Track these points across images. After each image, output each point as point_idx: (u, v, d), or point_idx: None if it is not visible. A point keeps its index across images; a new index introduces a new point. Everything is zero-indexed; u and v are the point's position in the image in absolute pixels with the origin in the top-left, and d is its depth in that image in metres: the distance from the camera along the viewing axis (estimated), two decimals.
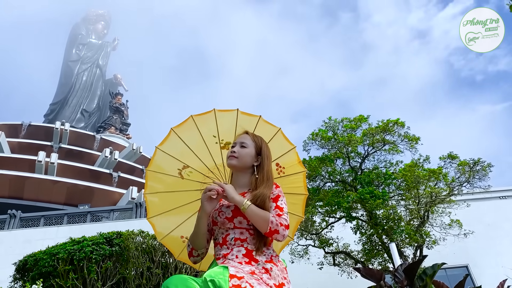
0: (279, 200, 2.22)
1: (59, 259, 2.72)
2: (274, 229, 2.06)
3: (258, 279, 1.91)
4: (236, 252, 2.10)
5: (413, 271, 3.48)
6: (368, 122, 14.09)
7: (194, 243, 2.29)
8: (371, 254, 12.94)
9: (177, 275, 1.98)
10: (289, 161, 2.69)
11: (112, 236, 2.91)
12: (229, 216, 2.20)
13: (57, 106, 47.44)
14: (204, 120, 2.64)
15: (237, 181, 2.39)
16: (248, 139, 2.42)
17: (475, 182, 12.96)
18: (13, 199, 26.47)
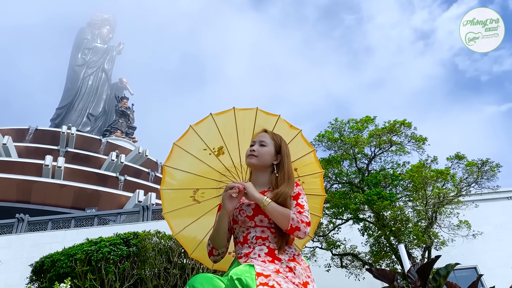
0: (299, 198, 2.20)
1: (77, 260, 2.73)
2: (295, 226, 2.05)
3: (284, 278, 1.89)
4: (258, 251, 2.08)
5: (427, 272, 3.46)
6: (374, 123, 14.05)
7: (214, 241, 2.28)
8: (379, 256, 12.88)
9: (202, 274, 1.97)
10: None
11: (129, 237, 2.91)
12: (250, 215, 2.19)
13: (63, 111, 47.70)
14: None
15: (256, 180, 2.36)
16: (267, 137, 2.40)
17: (483, 183, 12.88)
18: (21, 203, 26.59)
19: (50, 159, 29.02)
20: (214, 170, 2.68)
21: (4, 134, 32.25)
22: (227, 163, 2.69)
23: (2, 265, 14.21)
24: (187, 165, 2.66)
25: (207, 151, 2.66)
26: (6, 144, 30.40)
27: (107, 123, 47.25)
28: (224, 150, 2.67)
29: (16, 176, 27.11)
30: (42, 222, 19.15)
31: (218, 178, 2.67)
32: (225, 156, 2.68)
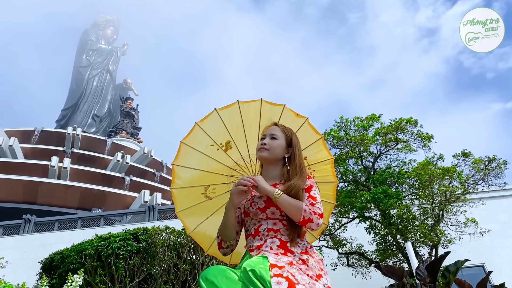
0: (312, 190, 2.18)
1: (87, 256, 2.73)
2: (308, 217, 2.02)
3: (298, 269, 1.87)
4: (270, 243, 2.06)
5: (436, 268, 3.44)
6: (380, 121, 14.00)
7: (222, 234, 2.27)
8: (385, 254, 12.83)
9: (215, 266, 1.97)
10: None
11: (138, 232, 2.91)
12: (261, 207, 2.17)
13: (68, 112, 47.90)
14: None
15: (267, 173, 2.34)
16: (278, 130, 2.38)
17: (490, 180, 12.79)
18: (27, 204, 26.74)
19: (56, 160, 29.14)
20: (224, 165, 2.66)
21: (10, 135, 32.41)
22: (236, 157, 2.67)
23: (10, 265, 14.29)
24: (196, 162, 2.65)
25: (214, 147, 2.64)
26: (12, 146, 30.54)
27: (112, 124, 47.40)
28: (232, 144, 2.64)
29: (22, 177, 27.25)
30: (48, 222, 19.25)
31: (228, 173, 2.66)
32: (233, 150, 2.66)
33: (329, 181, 2.71)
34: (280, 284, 1.70)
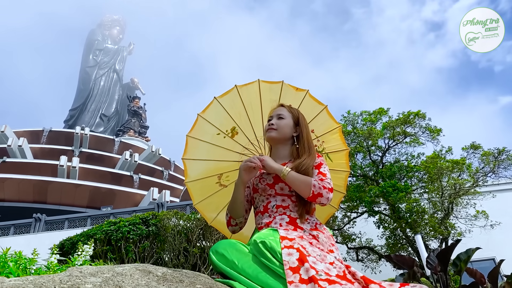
0: (321, 167, 2.17)
1: (97, 240, 2.75)
2: (318, 192, 2.00)
3: (309, 243, 1.86)
4: (279, 220, 2.05)
5: (447, 257, 3.42)
6: (388, 115, 13.91)
7: (231, 211, 2.26)
8: (395, 248, 12.78)
9: (226, 240, 1.97)
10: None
11: (148, 217, 2.93)
12: (270, 183, 2.17)
13: (76, 112, 48.12)
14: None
15: (277, 153, 2.35)
16: (285, 110, 2.38)
17: (500, 172, 12.68)
18: (37, 203, 26.95)
19: (65, 159, 29.32)
20: (233, 151, 2.66)
21: (19, 136, 32.67)
22: (244, 141, 2.67)
23: None
24: (205, 153, 2.64)
25: (221, 135, 2.63)
26: (21, 146, 30.79)
27: (120, 123, 47.58)
28: (238, 130, 2.64)
29: (32, 177, 27.47)
30: (58, 221, 19.41)
31: (238, 158, 2.65)
32: (239, 135, 2.65)
33: (340, 149, 2.67)
34: (291, 255, 1.69)
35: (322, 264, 1.68)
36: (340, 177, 2.71)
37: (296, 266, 1.64)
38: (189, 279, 1.33)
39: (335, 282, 1.52)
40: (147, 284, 1.14)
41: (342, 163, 2.74)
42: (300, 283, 1.56)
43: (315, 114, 2.61)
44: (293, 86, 2.58)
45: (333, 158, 2.66)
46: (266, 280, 1.67)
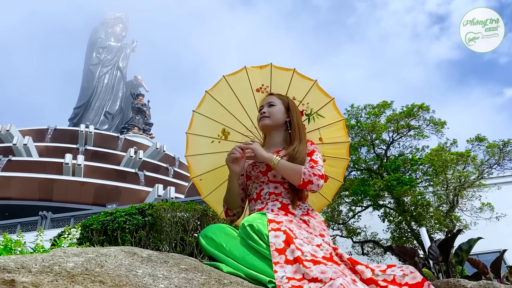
0: (313, 154, 2.18)
1: (93, 230, 2.75)
2: (308, 180, 2.01)
3: (297, 226, 1.87)
4: (271, 206, 2.07)
5: (448, 247, 3.39)
6: (392, 108, 13.83)
7: (228, 203, 2.28)
8: (400, 241, 12.73)
9: (215, 224, 2.01)
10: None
11: (144, 207, 2.93)
12: (263, 170, 2.18)
13: (80, 110, 48.26)
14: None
15: (271, 141, 2.37)
16: (274, 98, 2.42)
17: (506, 164, 12.59)
18: (43, 201, 27.11)
19: (70, 157, 29.45)
20: (233, 141, 2.65)
21: (25, 134, 32.84)
22: (242, 129, 2.66)
23: None
24: (206, 147, 2.63)
25: (217, 133, 2.63)
26: (26, 145, 30.95)
27: (124, 120, 47.70)
28: (230, 129, 2.63)
29: (37, 175, 27.63)
30: (64, 218, 19.52)
31: (240, 139, 2.64)
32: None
33: (336, 120, 2.63)
34: (278, 237, 1.71)
35: (308, 246, 1.69)
36: (340, 165, 2.67)
37: (282, 247, 1.66)
38: (174, 260, 1.33)
39: (320, 262, 1.52)
40: (130, 264, 1.13)
41: (338, 171, 2.69)
42: (285, 263, 1.57)
43: (307, 90, 2.56)
44: (281, 67, 2.55)
45: (334, 148, 2.63)
46: (252, 262, 1.68)
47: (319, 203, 2.70)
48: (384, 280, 1.49)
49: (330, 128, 2.59)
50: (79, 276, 0.93)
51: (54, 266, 0.96)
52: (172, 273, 1.15)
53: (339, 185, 2.70)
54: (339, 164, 2.67)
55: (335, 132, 2.61)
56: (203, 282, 1.13)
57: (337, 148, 2.62)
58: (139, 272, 1.08)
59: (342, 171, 2.69)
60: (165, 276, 1.10)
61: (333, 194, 2.72)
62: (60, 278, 0.89)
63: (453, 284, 1.31)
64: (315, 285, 1.38)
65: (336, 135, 2.61)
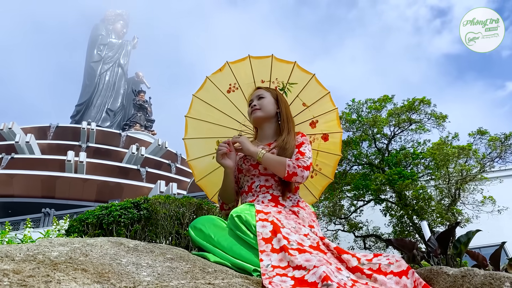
0: (302, 146, 2.20)
1: (89, 224, 2.77)
2: (292, 171, 2.04)
3: (285, 217, 1.89)
4: (262, 198, 2.10)
5: (447, 239, 3.39)
6: (393, 102, 13.80)
7: (223, 197, 2.31)
8: (402, 235, 12.75)
9: (204, 216, 2.03)
10: (328, 119, 2.59)
11: (139, 201, 2.95)
12: (254, 163, 2.20)
13: (82, 107, 48.29)
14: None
15: (262, 134, 2.40)
16: (262, 90, 2.45)
17: (508, 157, 12.57)
18: (46, 198, 27.18)
19: (72, 154, 29.48)
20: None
21: (27, 132, 32.88)
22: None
23: None
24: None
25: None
26: (29, 142, 31.00)
27: (126, 117, 47.72)
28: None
29: (40, 173, 27.69)
30: (67, 215, 19.56)
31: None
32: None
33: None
34: (265, 227, 1.73)
35: (296, 235, 1.71)
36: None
37: (269, 237, 1.68)
38: (161, 250, 1.34)
39: (305, 251, 1.54)
40: (115, 253, 1.14)
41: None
42: (271, 252, 1.59)
43: (289, 72, 2.55)
44: (260, 56, 2.55)
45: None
46: (239, 252, 1.71)
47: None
48: (369, 269, 1.51)
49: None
50: (62, 264, 0.94)
51: (38, 255, 0.97)
52: (157, 262, 1.16)
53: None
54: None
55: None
56: (186, 270, 1.14)
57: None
58: (123, 261, 1.09)
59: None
60: (149, 265, 1.11)
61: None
62: (43, 266, 0.90)
63: (436, 271, 1.33)
64: (299, 272, 1.39)
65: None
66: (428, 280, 1.38)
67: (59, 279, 0.84)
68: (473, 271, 1.18)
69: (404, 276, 1.39)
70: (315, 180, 2.70)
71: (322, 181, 2.70)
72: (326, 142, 2.61)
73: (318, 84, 2.54)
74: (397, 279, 1.40)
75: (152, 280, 0.96)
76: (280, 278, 1.38)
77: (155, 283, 0.94)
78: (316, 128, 2.61)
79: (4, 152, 30.04)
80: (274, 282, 1.35)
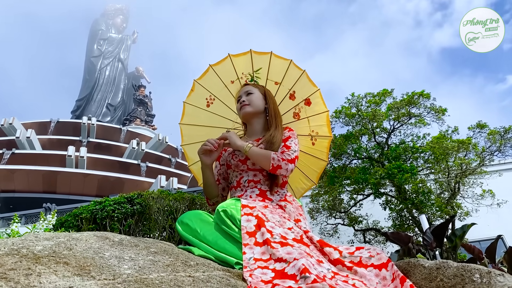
0: (288, 141, 2.24)
1: (83, 219, 2.81)
2: (277, 164, 2.07)
3: (271, 211, 1.92)
4: (250, 192, 2.14)
5: (442, 232, 3.40)
6: (392, 96, 13.78)
7: (206, 193, 2.36)
8: (401, 229, 12.78)
9: (192, 211, 2.07)
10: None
11: (133, 196, 2.98)
12: (242, 159, 2.24)
13: (83, 102, 48.24)
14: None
15: (251, 130, 2.44)
16: (250, 87, 2.48)
17: (507, 151, 12.58)
18: (47, 193, 27.24)
19: (72, 149, 29.50)
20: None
21: (27, 127, 32.91)
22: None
23: None
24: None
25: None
26: (30, 137, 31.03)
27: (126, 112, 47.69)
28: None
29: (41, 168, 27.73)
30: (68, 210, 19.61)
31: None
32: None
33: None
34: (250, 221, 1.76)
35: (280, 228, 1.74)
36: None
37: (253, 231, 1.71)
38: (145, 244, 1.36)
39: (288, 244, 1.58)
40: (99, 247, 1.16)
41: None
42: (254, 245, 1.62)
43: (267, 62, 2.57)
44: (239, 54, 2.60)
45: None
46: (224, 245, 1.75)
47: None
48: (350, 262, 1.56)
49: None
50: (45, 258, 0.96)
51: (22, 249, 0.99)
52: (140, 255, 1.18)
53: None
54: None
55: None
56: (168, 263, 1.16)
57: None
58: (106, 254, 1.11)
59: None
60: (131, 258, 1.12)
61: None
62: (25, 259, 0.92)
63: (413, 264, 1.39)
64: (280, 265, 1.43)
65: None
66: (406, 272, 1.43)
67: (40, 272, 0.86)
68: (447, 263, 1.23)
69: (384, 269, 1.45)
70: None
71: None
72: (311, 106, 2.60)
73: (278, 58, 2.56)
74: (377, 272, 1.46)
75: (132, 273, 0.99)
76: (261, 271, 1.42)
77: (134, 276, 0.96)
78: (296, 99, 2.61)
79: (5, 147, 30.08)
80: (255, 274, 1.38)
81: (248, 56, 2.55)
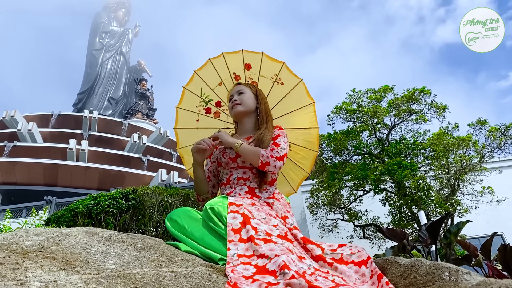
0: (277, 139, 2.28)
1: (78, 214, 2.85)
2: (265, 161, 2.12)
3: (258, 209, 1.97)
4: (239, 190, 2.18)
5: (437, 229, 3.43)
6: (393, 92, 13.78)
7: (197, 189, 2.41)
8: (401, 225, 12.82)
9: (181, 208, 2.11)
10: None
11: (128, 192, 3.02)
12: (232, 157, 2.28)
13: (84, 95, 48.23)
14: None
15: (242, 129, 2.48)
16: (242, 86, 2.53)
17: (507, 148, 12.59)
18: (48, 186, 27.30)
19: (74, 142, 29.52)
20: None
21: (29, 120, 32.94)
22: None
23: None
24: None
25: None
26: (31, 130, 31.06)
27: (127, 105, 47.67)
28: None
29: (42, 160, 27.76)
30: (69, 203, 19.62)
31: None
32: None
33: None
34: (236, 218, 1.81)
35: (265, 225, 1.79)
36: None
37: (238, 228, 1.76)
38: (133, 240, 1.39)
39: (271, 241, 1.62)
40: (87, 243, 1.19)
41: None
42: (239, 242, 1.67)
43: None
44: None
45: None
46: (210, 242, 1.79)
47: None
48: (332, 258, 1.61)
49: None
50: (33, 253, 0.99)
51: (11, 244, 1.02)
52: (126, 251, 1.21)
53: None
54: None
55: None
56: (153, 259, 1.19)
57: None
58: (93, 250, 1.14)
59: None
60: (117, 254, 1.15)
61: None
62: (14, 254, 0.95)
63: (390, 261, 1.44)
64: (262, 261, 1.47)
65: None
66: (383, 270, 1.47)
67: (27, 267, 0.89)
68: (421, 261, 1.28)
69: (364, 266, 1.49)
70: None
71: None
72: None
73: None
74: (356, 268, 1.51)
75: (116, 268, 1.02)
76: (244, 267, 1.46)
77: (118, 271, 0.99)
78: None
79: (7, 140, 30.14)
80: (237, 270, 1.42)
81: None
